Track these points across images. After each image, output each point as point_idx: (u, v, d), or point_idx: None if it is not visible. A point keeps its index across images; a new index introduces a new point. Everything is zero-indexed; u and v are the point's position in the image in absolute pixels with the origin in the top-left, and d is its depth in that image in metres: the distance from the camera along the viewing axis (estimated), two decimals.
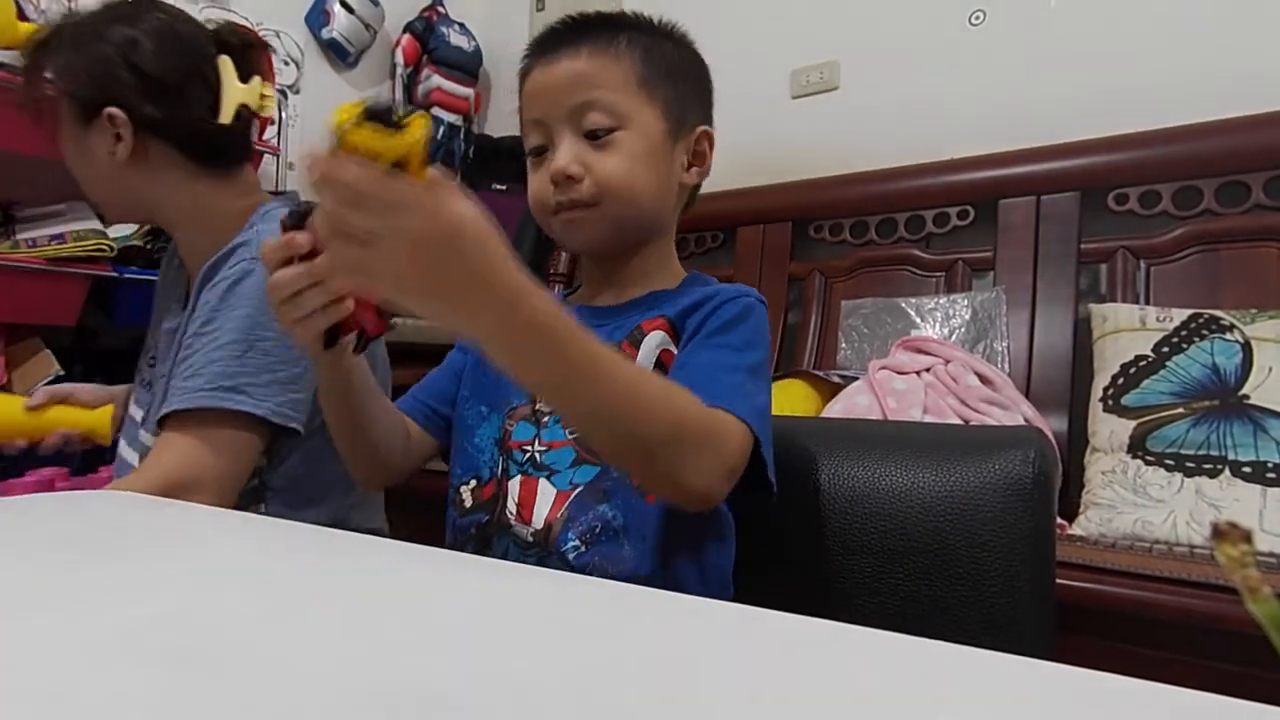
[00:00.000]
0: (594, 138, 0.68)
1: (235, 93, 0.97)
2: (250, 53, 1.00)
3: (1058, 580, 0.65)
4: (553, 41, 0.71)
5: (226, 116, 0.96)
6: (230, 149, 1.00)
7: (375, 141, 0.42)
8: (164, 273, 1.13)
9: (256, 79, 1.00)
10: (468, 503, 0.72)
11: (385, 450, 0.70)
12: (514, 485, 0.69)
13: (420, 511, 1.60)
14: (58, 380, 1.55)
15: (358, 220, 0.43)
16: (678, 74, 0.72)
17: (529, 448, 0.69)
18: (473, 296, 0.46)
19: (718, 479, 0.57)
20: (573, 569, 0.65)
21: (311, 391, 0.89)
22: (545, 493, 0.67)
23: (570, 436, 0.68)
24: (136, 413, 1.08)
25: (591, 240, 0.72)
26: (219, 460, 0.84)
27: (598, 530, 0.65)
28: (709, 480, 0.57)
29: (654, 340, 0.68)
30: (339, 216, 0.44)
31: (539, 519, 0.67)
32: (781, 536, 0.74)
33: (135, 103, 0.93)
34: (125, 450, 1.07)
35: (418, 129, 0.43)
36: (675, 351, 0.68)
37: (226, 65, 0.96)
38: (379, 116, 0.43)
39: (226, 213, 0.98)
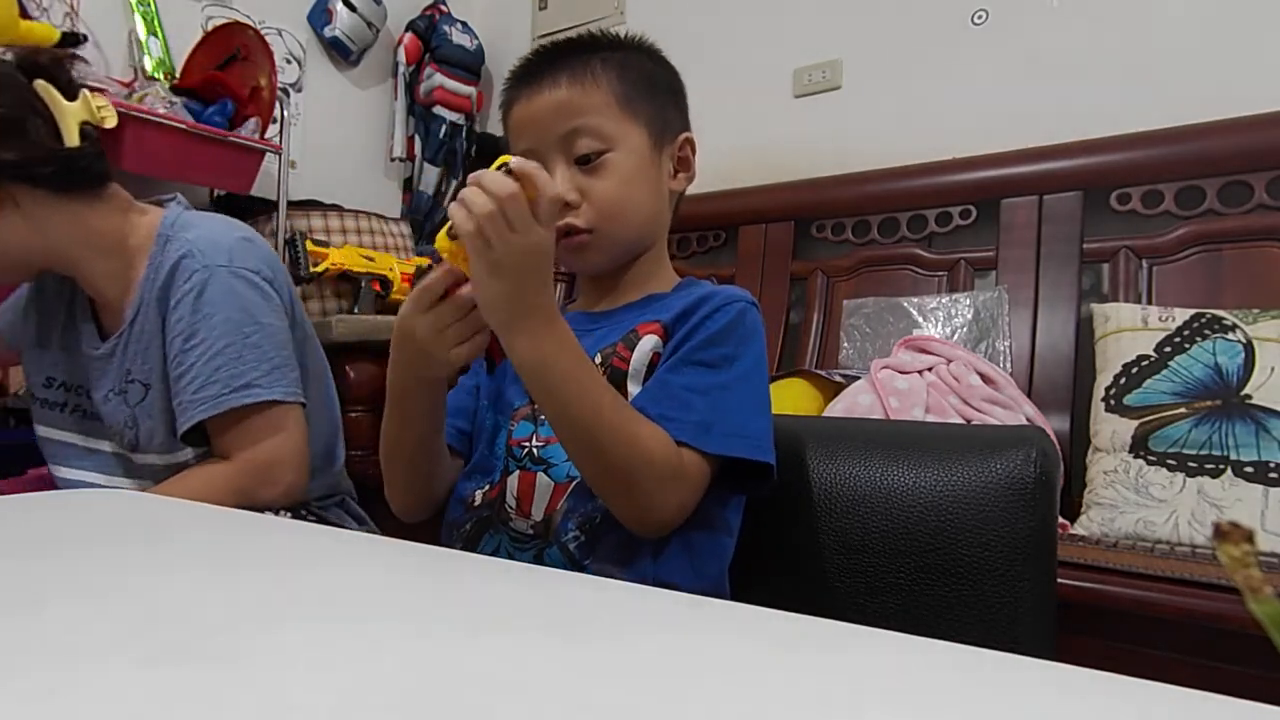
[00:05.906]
0: (585, 162, 0.70)
1: (69, 113, 0.92)
2: (62, 69, 0.94)
3: (1059, 580, 0.65)
4: (531, 72, 0.73)
5: (72, 138, 0.92)
6: (91, 169, 0.97)
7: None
8: (35, 300, 1.07)
9: (84, 93, 0.95)
10: (477, 502, 0.73)
11: (441, 477, 0.74)
12: (512, 480, 0.70)
13: None
14: None
15: (495, 228, 0.56)
16: (654, 87, 0.74)
17: (526, 443, 0.71)
18: (531, 315, 0.58)
19: (670, 513, 0.63)
20: (573, 558, 0.67)
21: (298, 369, 0.98)
22: (543, 486, 0.68)
23: None
24: (79, 440, 1.05)
25: (591, 264, 0.74)
26: (272, 443, 0.92)
27: (597, 521, 0.66)
28: (662, 515, 0.63)
29: (648, 344, 0.70)
30: (483, 224, 0.56)
31: (538, 511, 0.68)
32: (782, 536, 0.74)
33: None
34: (89, 478, 1.03)
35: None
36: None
37: (47, 90, 0.92)
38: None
39: (116, 232, 0.97)
